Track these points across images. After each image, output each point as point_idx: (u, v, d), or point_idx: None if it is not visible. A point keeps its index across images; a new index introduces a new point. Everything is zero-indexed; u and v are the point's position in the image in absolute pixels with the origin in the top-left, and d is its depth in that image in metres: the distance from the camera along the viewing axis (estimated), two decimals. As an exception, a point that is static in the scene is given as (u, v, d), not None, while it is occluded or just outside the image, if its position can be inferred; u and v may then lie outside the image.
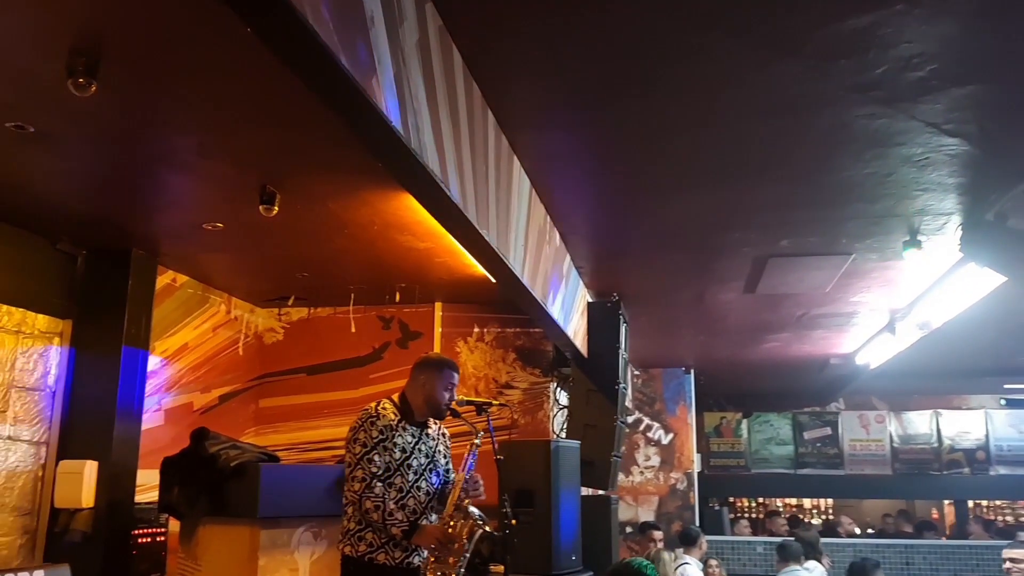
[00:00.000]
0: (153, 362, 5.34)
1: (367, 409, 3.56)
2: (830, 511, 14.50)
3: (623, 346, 5.94)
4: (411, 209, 4.30)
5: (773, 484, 13.03)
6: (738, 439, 13.17)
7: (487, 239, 3.10)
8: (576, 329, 5.47)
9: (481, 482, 3.60)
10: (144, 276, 5.15)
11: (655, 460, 10.14)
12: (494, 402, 3.94)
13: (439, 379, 3.62)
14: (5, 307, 4.58)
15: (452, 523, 3.50)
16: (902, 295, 5.99)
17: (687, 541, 7.03)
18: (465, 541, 3.45)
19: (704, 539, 7.04)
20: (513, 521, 3.99)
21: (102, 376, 4.90)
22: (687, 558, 6.56)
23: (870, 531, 12.84)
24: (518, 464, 4.25)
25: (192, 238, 4.88)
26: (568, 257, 5.12)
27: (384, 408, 3.55)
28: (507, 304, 6.42)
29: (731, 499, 13.92)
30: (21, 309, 4.68)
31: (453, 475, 3.75)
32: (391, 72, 2.24)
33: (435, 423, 3.76)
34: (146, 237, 4.93)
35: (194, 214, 4.51)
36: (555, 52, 2.80)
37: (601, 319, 5.93)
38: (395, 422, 3.52)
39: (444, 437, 3.80)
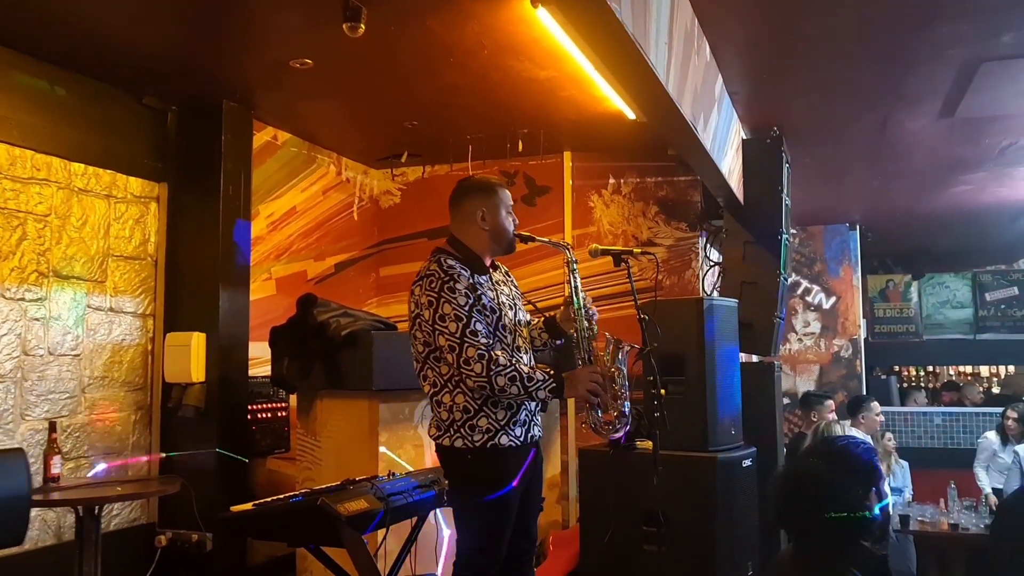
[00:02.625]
0: (259, 227, 4.91)
1: (432, 271, 2.83)
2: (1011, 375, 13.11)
3: (786, 190, 5.02)
4: (525, 22, 3.53)
5: (948, 351, 11.80)
6: (907, 304, 11.91)
7: (617, 15, 2.29)
8: (731, 169, 4.60)
9: (592, 305, 3.00)
10: (240, 131, 4.65)
11: (815, 326, 9.20)
12: (635, 250, 3.24)
13: (498, 202, 2.95)
14: (92, 169, 4.19)
15: (593, 358, 2.91)
16: None
17: (849, 409, 6.24)
18: (616, 368, 2.88)
19: (872, 412, 6.19)
20: (662, 391, 3.41)
21: (203, 242, 4.51)
22: (851, 431, 5.78)
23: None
24: (665, 325, 3.55)
25: (283, 82, 4.31)
26: (720, 78, 4.20)
27: (450, 264, 2.83)
28: (646, 150, 5.58)
29: (895, 368, 12.79)
30: (110, 171, 4.28)
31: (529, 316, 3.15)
32: None
33: (500, 264, 3.12)
34: (236, 85, 4.39)
35: (279, 48, 3.91)
36: None
37: (759, 159, 5.02)
38: (469, 278, 2.84)
39: (510, 276, 3.16)
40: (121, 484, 3.46)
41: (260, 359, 4.73)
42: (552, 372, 2.82)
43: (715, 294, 5.27)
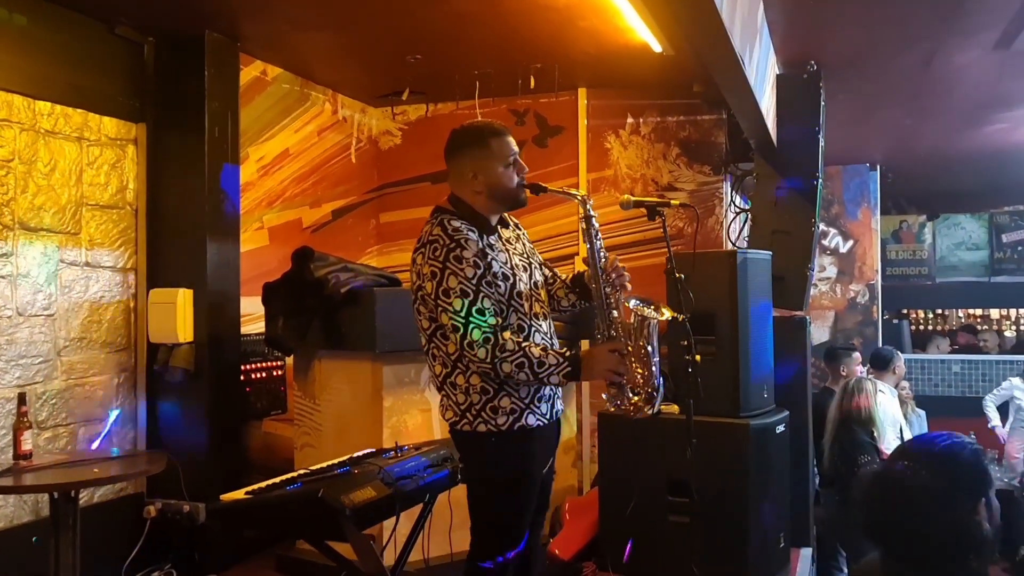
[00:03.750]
0: (248, 172, 4.50)
1: (436, 237, 2.46)
2: (1021, 322, 12.83)
3: (822, 130, 4.61)
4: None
5: (961, 294, 11.46)
6: (920, 245, 11.54)
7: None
8: (768, 108, 4.18)
9: (620, 265, 2.59)
10: (224, 65, 4.20)
11: (831, 271, 8.86)
12: (673, 200, 2.86)
13: (490, 155, 2.54)
14: (60, 109, 3.77)
15: (615, 331, 2.53)
16: None
17: (879, 364, 5.92)
18: (643, 344, 2.48)
19: (900, 361, 5.90)
20: (697, 357, 3.07)
21: (187, 189, 4.11)
22: (880, 385, 5.46)
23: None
24: (694, 281, 3.19)
25: (272, 9, 3.87)
26: (761, 7, 3.76)
27: (455, 227, 2.46)
28: (669, 86, 5.14)
29: (903, 311, 12.48)
30: (81, 111, 3.86)
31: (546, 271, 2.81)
32: None
33: (509, 219, 2.75)
34: (220, 13, 3.94)
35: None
36: None
37: (795, 96, 4.59)
38: (478, 240, 2.48)
39: (520, 228, 2.80)
40: (99, 463, 3.13)
41: (253, 315, 4.38)
42: (568, 353, 2.47)
43: (742, 244, 4.90)
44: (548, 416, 2.61)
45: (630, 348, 2.49)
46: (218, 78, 4.14)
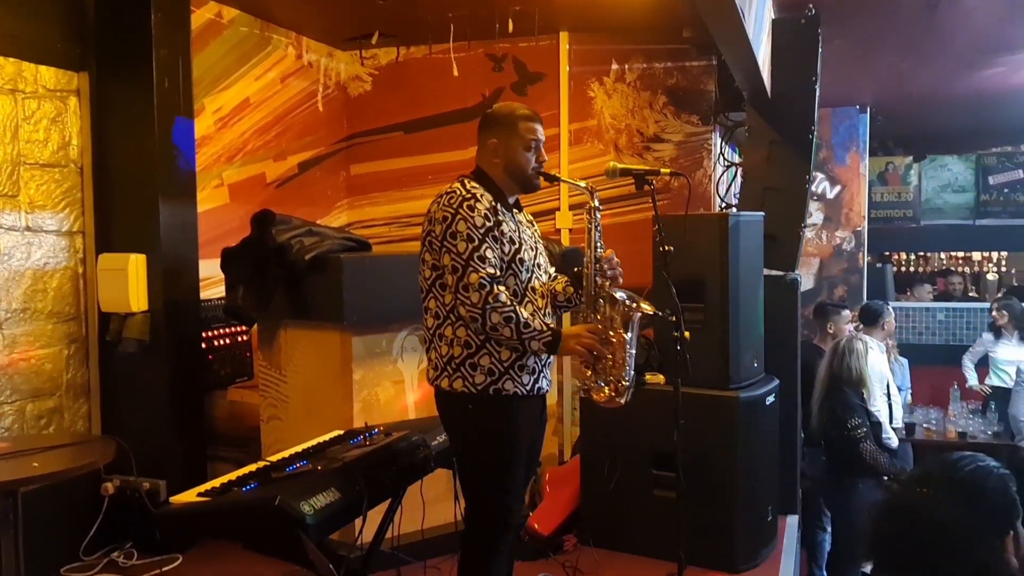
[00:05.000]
0: (204, 125, 4.17)
1: (454, 189, 2.59)
2: (1003, 264, 12.75)
3: (819, 79, 4.33)
4: None
5: (946, 237, 11.33)
6: (906, 187, 11.34)
7: None
8: (763, 58, 3.89)
9: (616, 259, 2.67)
10: (173, 7, 3.83)
11: (817, 217, 8.64)
12: (663, 170, 2.76)
13: (514, 137, 2.65)
14: (-10, 57, 3.42)
15: (600, 318, 2.60)
16: None
17: (868, 320, 5.76)
18: (623, 333, 2.55)
19: (890, 316, 5.74)
20: (686, 334, 2.93)
21: (136, 146, 3.78)
22: (869, 342, 5.31)
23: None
24: (682, 246, 2.97)
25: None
26: (759, -55, 3.45)
27: (473, 185, 2.61)
28: (656, 31, 4.82)
29: (886, 253, 12.35)
30: (13, 59, 3.50)
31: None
32: None
33: (525, 214, 2.83)
34: (164, -49, 3.58)
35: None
36: None
37: (791, 43, 4.29)
38: (492, 202, 2.60)
39: (533, 224, 2.87)
40: (42, 453, 2.89)
41: (214, 279, 4.11)
42: (552, 326, 2.56)
43: (732, 199, 4.66)
44: (530, 388, 2.60)
45: (611, 336, 2.54)
46: (166, 22, 3.78)
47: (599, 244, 2.62)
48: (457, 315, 2.53)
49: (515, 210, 2.71)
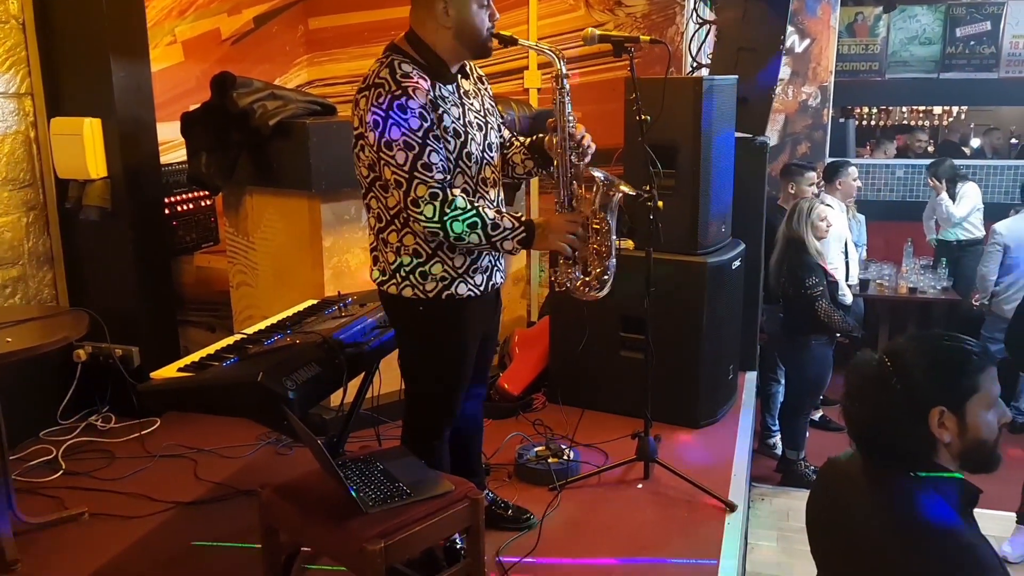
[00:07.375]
0: (152, -24, 3.92)
1: (382, 80, 2.23)
2: (962, 118, 12.78)
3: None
4: None
5: (909, 90, 11.22)
6: (873, 39, 11.16)
7: None
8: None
9: (587, 136, 2.42)
10: None
11: (784, 72, 8.51)
12: (643, 37, 2.61)
13: None
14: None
15: (576, 203, 2.43)
16: None
17: (827, 177, 5.81)
18: (605, 217, 2.40)
19: (849, 177, 5.75)
20: (660, 204, 2.96)
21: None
22: (828, 199, 5.39)
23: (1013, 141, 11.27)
24: (654, 111, 2.94)
25: None
26: None
27: (405, 71, 2.23)
28: None
29: (849, 107, 12.29)
30: (-62, -97, 3.22)
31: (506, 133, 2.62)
32: None
33: (470, 68, 2.49)
34: None
35: None
36: None
37: None
38: (430, 90, 2.26)
39: (483, 83, 2.56)
40: (12, 327, 2.86)
41: (174, 142, 3.99)
42: (523, 218, 2.34)
43: (704, 59, 4.56)
44: (483, 288, 2.46)
45: (594, 223, 2.39)
46: None
47: (571, 120, 2.38)
48: (403, 220, 2.31)
49: (459, 77, 2.41)
